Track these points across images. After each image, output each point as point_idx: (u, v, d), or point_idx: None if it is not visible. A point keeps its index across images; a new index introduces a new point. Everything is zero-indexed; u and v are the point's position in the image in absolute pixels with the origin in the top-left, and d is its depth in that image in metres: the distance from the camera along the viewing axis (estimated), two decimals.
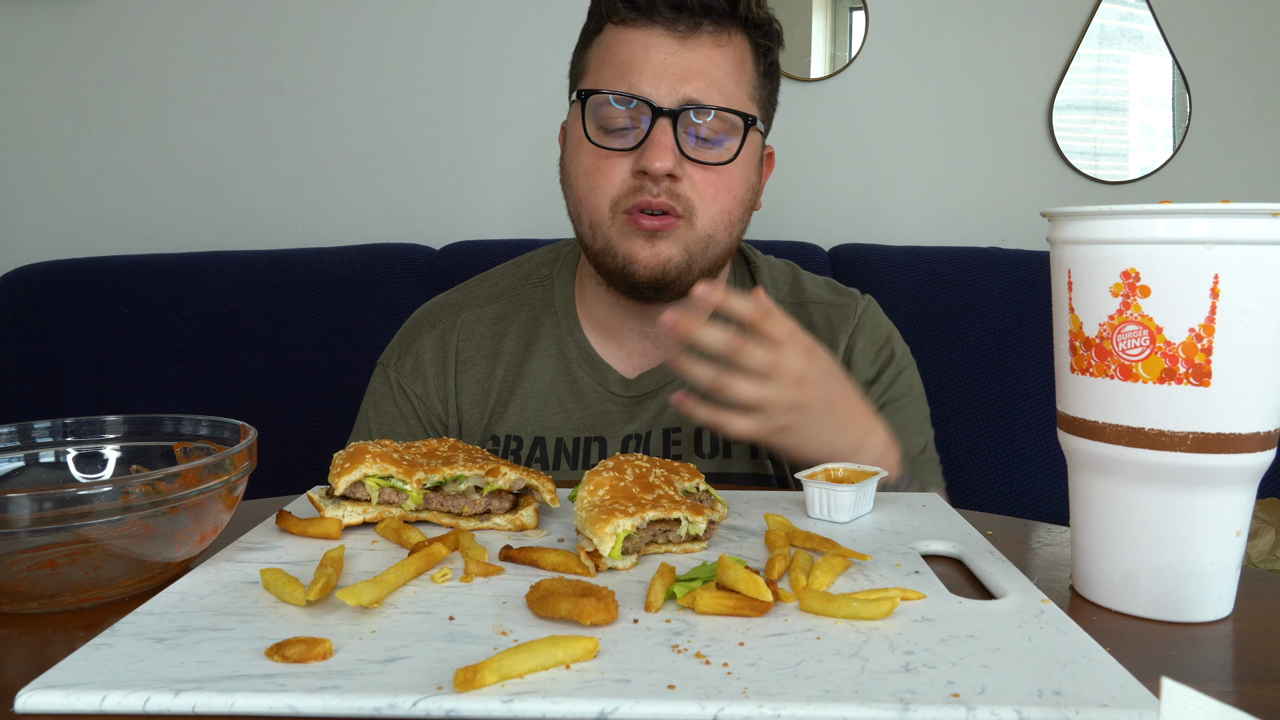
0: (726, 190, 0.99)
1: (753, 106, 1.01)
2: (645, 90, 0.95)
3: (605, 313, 1.08)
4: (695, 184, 0.97)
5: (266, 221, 2.05)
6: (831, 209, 2.05)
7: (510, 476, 0.73)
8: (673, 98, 0.95)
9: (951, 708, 0.44)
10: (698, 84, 0.96)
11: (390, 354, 1.15)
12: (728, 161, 0.98)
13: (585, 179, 1.00)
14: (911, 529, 0.73)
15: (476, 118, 2.03)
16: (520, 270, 1.18)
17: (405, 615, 0.55)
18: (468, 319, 1.13)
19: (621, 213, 0.97)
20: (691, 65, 0.96)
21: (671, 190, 0.96)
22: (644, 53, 0.96)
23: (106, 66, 2.00)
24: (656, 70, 0.96)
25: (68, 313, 1.75)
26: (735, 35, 0.99)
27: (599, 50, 1.01)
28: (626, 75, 0.96)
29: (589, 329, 1.11)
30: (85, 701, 0.45)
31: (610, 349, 1.10)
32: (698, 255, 0.99)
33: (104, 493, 0.55)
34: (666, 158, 0.94)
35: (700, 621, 0.54)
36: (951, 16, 2.01)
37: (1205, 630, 0.56)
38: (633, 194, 0.96)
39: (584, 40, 1.05)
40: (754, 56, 1.01)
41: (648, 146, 0.94)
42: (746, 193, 1.02)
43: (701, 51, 0.97)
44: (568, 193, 1.04)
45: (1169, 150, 2.04)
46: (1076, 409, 0.58)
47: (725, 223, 1.00)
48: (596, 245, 1.01)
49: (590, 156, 0.99)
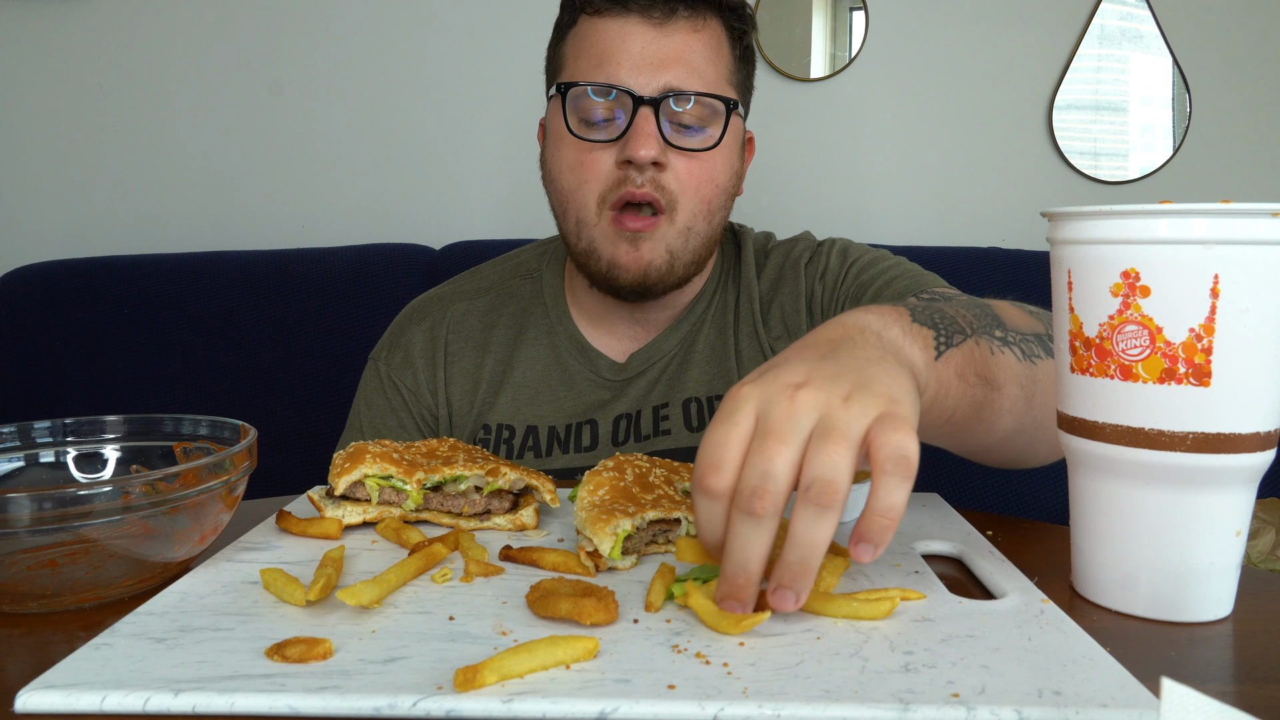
0: (709, 179, 0.99)
1: (732, 91, 1.02)
2: (625, 80, 0.95)
3: (594, 303, 1.09)
4: (679, 174, 0.97)
5: (266, 221, 2.05)
6: (831, 209, 2.05)
7: (510, 476, 0.73)
8: (653, 86, 0.95)
9: (951, 708, 0.44)
10: (677, 71, 0.96)
11: (381, 347, 1.16)
12: (712, 147, 0.98)
13: (569, 174, 0.99)
14: (911, 529, 0.72)
15: (476, 118, 2.03)
16: (509, 264, 1.19)
17: (405, 615, 0.55)
18: (457, 311, 1.14)
19: (608, 209, 0.98)
20: (669, 52, 0.96)
21: (656, 181, 0.96)
22: (621, 42, 0.96)
23: (106, 66, 2.00)
24: (635, 59, 0.95)
25: (68, 313, 1.75)
26: (710, 20, 0.99)
27: (575, 42, 1.00)
28: (605, 66, 0.96)
29: (579, 318, 1.12)
30: (85, 701, 0.45)
31: (600, 336, 1.11)
32: (679, 251, 0.99)
33: (104, 493, 0.55)
34: (651, 145, 0.94)
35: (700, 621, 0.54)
36: (951, 16, 2.01)
37: (1205, 630, 0.56)
38: (618, 186, 0.96)
39: (558, 33, 1.05)
40: (730, 41, 1.01)
41: (631, 135, 0.94)
42: (730, 179, 1.02)
43: (679, 38, 0.96)
44: (550, 189, 1.04)
45: (1169, 150, 2.04)
46: (1076, 409, 0.58)
47: (704, 212, 1.00)
48: (580, 245, 1.01)
49: (573, 150, 0.99)
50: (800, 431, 0.51)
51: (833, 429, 0.51)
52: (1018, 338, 0.73)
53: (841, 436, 0.50)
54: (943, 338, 0.65)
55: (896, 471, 0.50)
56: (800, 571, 0.51)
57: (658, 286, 1.00)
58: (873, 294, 1.02)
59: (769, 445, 0.51)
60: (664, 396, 1.07)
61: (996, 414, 0.69)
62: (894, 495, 0.51)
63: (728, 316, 1.10)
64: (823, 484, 0.50)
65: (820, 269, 1.09)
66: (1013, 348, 0.71)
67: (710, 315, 1.10)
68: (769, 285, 1.11)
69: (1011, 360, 0.70)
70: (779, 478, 0.50)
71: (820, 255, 1.11)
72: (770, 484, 0.50)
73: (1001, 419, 0.70)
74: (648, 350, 1.09)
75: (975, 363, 0.66)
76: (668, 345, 1.09)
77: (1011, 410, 0.70)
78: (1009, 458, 0.79)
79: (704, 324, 1.10)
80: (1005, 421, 0.71)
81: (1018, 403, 0.70)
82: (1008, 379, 0.69)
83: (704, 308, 1.10)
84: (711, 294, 1.11)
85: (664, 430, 1.06)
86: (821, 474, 0.50)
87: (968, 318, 0.70)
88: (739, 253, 1.14)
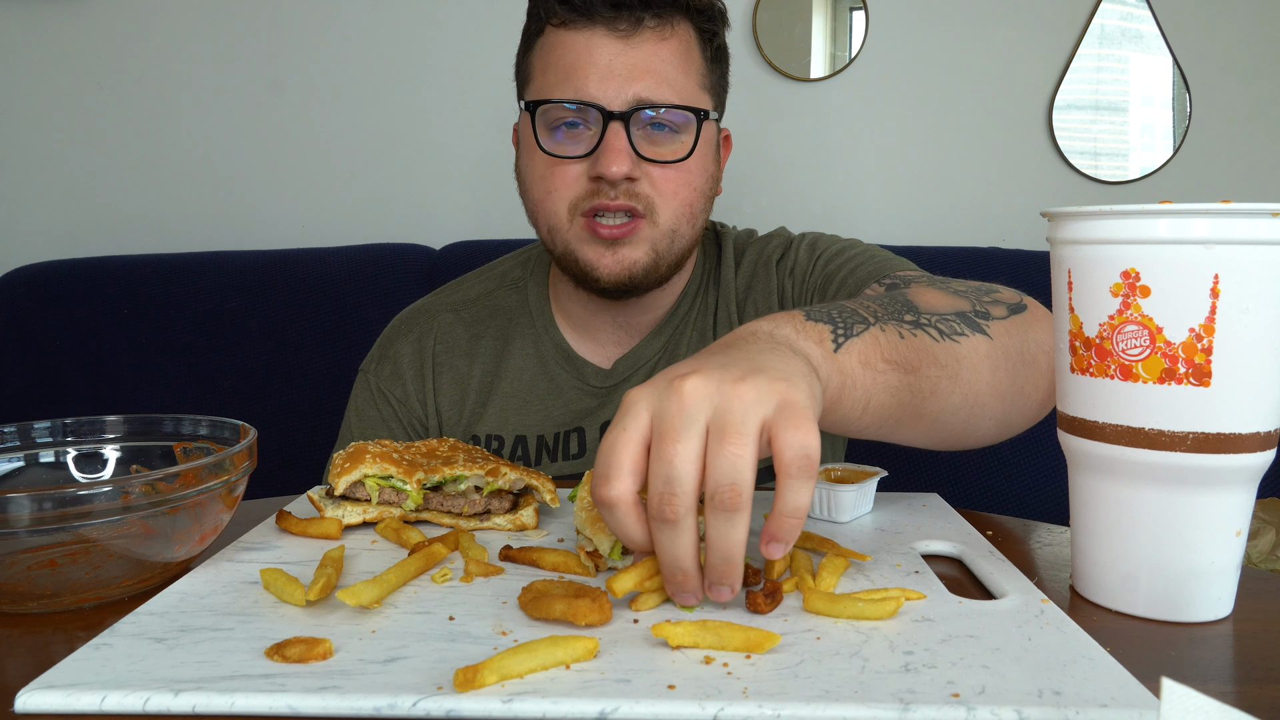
0: (686, 184, 0.98)
1: (704, 96, 1.01)
2: (593, 94, 0.94)
3: (579, 309, 1.09)
4: (654, 181, 0.97)
5: (266, 221, 2.05)
6: (831, 209, 2.05)
7: (510, 476, 0.73)
8: (622, 99, 0.94)
9: (951, 708, 0.44)
10: (646, 82, 0.95)
11: (370, 360, 1.16)
12: (684, 158, 0.97)
13: (540, 184, 0.99)
14: (911, 529, 0.72)
15: (477, 118, 2.03)
16: (493, 274, 1.19)
17: (405, 615, 0.55)
18: (443, 323, 1.14)
19: (580, 215, 0.97)
20: (638, 63, 0.95)
21: (630, 191, 0.95)
22: (588, 54, 0.95)
23: (106, 66, 2.00)
24: (602, 72, 0.94)
25: (68, 313, 1.75)
26: (679, 25, 0.98)
27: (541, 54, 0.99)
28: (572, 79, 0.95)
29: (564, 326, 1.12)
30: (85, 701, 0.45)
31: (585, 344, 1.11)
32: (664, 251, 0.99)
33: (104, 493, 0.55)
34: (623, 162, 0.93)
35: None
36: (951, 17, 2.01)
37: (1205, 630, 0.56)
38: (590, 197, 0.96)
39: (525, 42, 1.04)
40: (700, 43, 1.00)
41: (602, 152, 0.94)
42: (706, 183, 1.02)
43: (646, 48, 0.95)
44: (524, 197, 1.04)
45: (1169, 150, 2.04)
46: (1076, 409, 0.58)
47: (687, 215, 1.00)
48: (557, 250, 1.01)
49: (543, 164, 0.98)
50: (694, 424, 0.52)
51: (728, 426, 0.51)
52: (933, 319, 0.72)
53: (737, 434, 0.51)
54: (840, 330, 0.65)
55: (801, 474, 0.52)
56: (726, 570, 0.53)
57: (642, 284, 1.00)
58: (838, 283, 1.01)
59: (666, 447, 0.51)
60: None
61: (920, 397, 0.68)
62: (800, 497, 0.52)
63: (709, 318, 1.10)
64: (725, 489, 0.51)
65: (790, 264, 1.09)
66: (926, 329, 0.70)
67: (693, 317, 1.10)
68: (744, 284, 1.11)
69: (926, 341, 0.69)
70: (683, 479, 0.51)
71: (791, 251, 1.10)
72: (676, 487, 0.51)
73: (926, 401, 0.69)
74: (631, 356, 1.09)
75: (882, 349, 0.66)
76: (651, 350, 1.09)
77: (935, 391, 0.69)
78: (950, 438, 0.77)
79: (687, 326, 1.10)
80: (931, 404, 0.69)
81: (940, 383, 0.69)
82: (924, 360, 0.68)
83: (686, 309, 1.10)
84: (694, 296, 1.11)
85: None
86: (723, 479, 0.51)
87: (871, 308, 0.70)
88: (720, 253, 1.14)
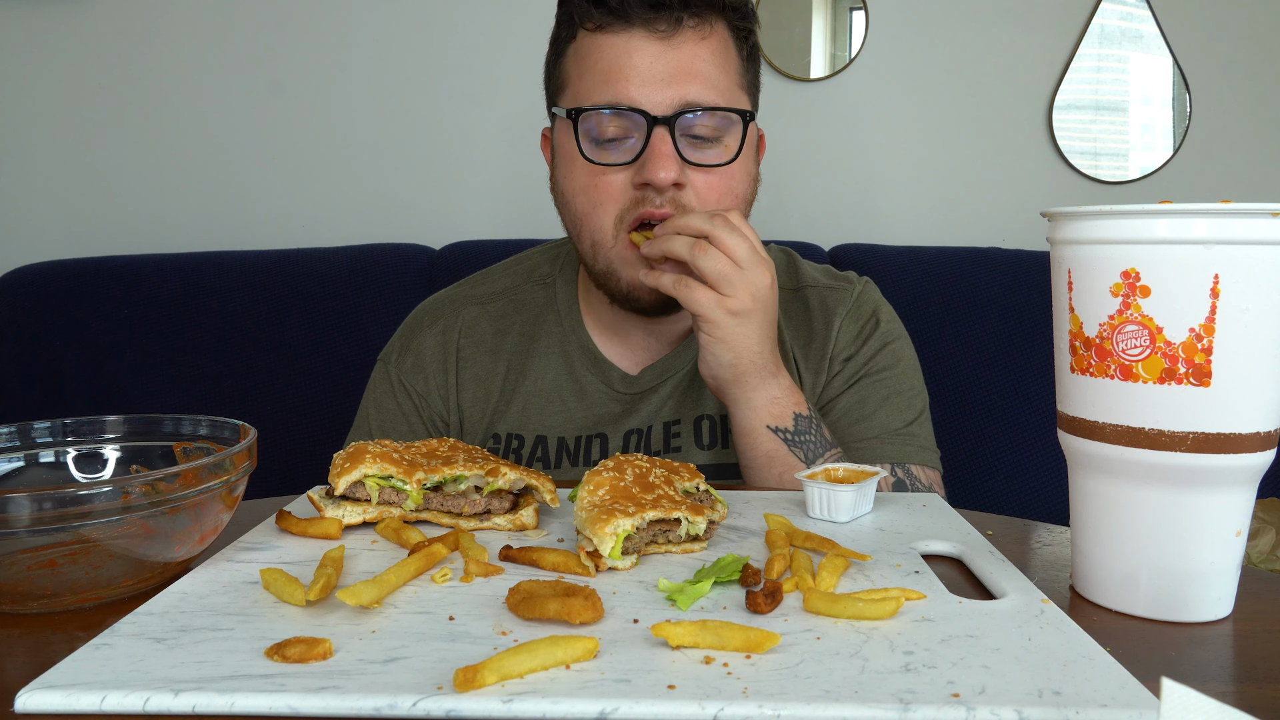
0: (729, 191, 0.97)
1: (743, 96, 0.99)
2: (635, 98, 0.92)
3: (609, 313, 1.07)
4: (699, 190, 0.95)
5: (266, 221, 2.05)
6: (831, 209, 2.05)
7: (510, 476, 0.73)
8: (666, 103, 0.92)
9: (951, 708, 0.44)
10: (690, 85, 0.92)
11: (391, 350, 1.13)
12: (730, 161, 0.95)
13: (583, 196, 0.97)
14: (911, 529, 0.72)
15: (476, 118, 2.03)
16: (521, 268, 1.17)
17: (405, 615, 0.55)
18: (469, 316, 1.12)
19: (625, 231, 0.95)
20: (680, 65, 0.92)
21: (676, 199, 0.94)
22: (627, 57, 0.92)
23: (107, 66, 2.00)
24: (644, 75, 0.92)
25: (68, 313, 1.75)
26: (716, 24, 0.95)
27: (576, 59, 0.97)
28: (612, 84, 0.92)
29: (592, 327, 1.10)
30: (85, 701, 0.45)
31: (614, 347, 1.09)
32: None
33: (104, 493, 0.55)
34: (670, 168, 0.91)
35: None
36: (951, 17, 2.01)
37: (1205, 630, 0.56)
38: (635, 206, 0.94)
39: (556, 48, 1.01)
40: (736, 42, 0.98)
41: (648, 158, 0.91)
42: (749, 187, 1.01)
43: (687, 49, 0.93)
44: (564, 211, 1.02)
45: (1169, 150, 2.04)
46: (1076, 409, 0.58)
47: None
48: (598, 267, 0.99)
49: (586, 174, 0.96)
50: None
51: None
52: (826, 455, 0.95)
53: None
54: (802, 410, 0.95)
55: (726, 225, 0.88)
56: (686, 250, 0.88)
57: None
58: (859, 403, 1.05)
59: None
60: (676, 413, 1.06)
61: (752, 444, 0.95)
62: (700, 223, 0.88)
63: None
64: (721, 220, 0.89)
65: (836, 329, 1.08)
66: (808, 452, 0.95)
67: None
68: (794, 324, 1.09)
69: (799, 455, 0.94)
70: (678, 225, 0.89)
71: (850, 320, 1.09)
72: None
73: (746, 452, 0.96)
74: (660, 366, 1.07)
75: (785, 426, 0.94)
76: (681, 361, 1.07)
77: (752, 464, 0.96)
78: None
79: None
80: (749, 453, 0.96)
81: (757, 459, 0.95)
82: (778, 454, 0.94)
83: None
84: None
85: (675, 447, 1.05)
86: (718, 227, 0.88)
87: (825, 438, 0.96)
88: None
